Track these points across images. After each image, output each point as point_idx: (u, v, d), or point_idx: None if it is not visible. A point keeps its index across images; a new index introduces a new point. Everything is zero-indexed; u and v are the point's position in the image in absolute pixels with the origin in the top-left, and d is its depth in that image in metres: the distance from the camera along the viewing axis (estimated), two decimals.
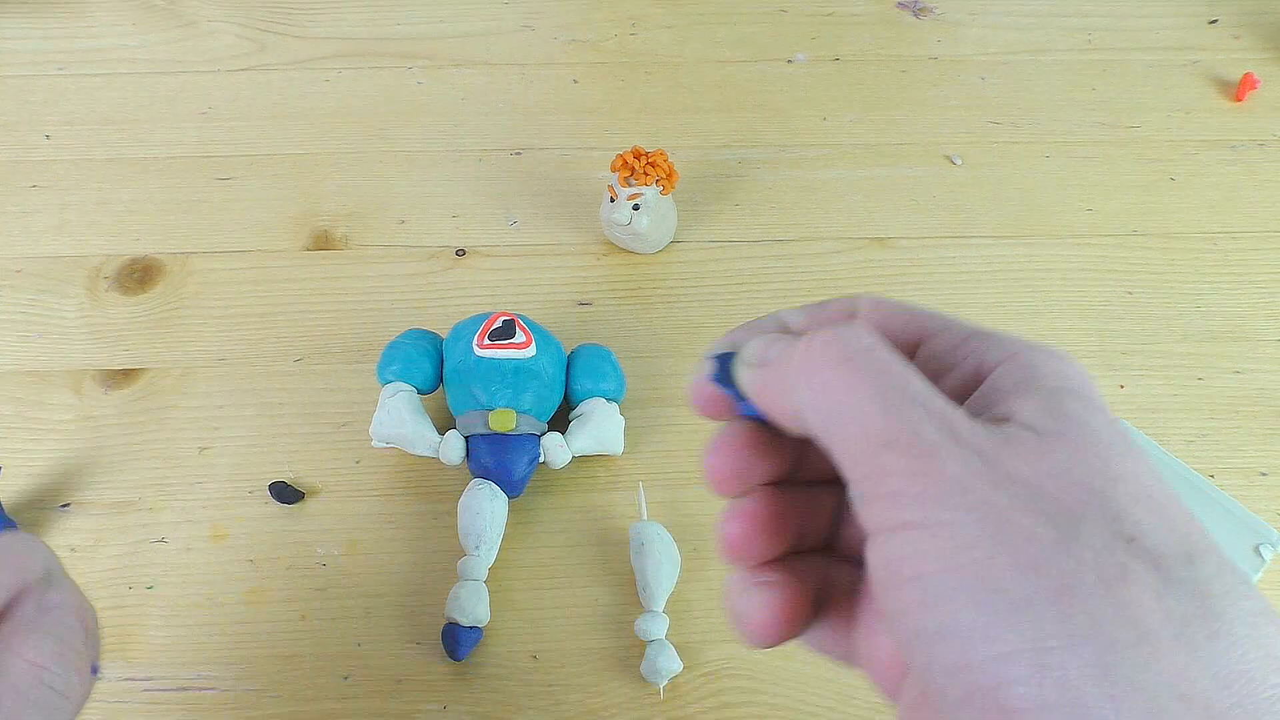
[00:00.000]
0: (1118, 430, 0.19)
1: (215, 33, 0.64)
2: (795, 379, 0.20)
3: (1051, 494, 0.17)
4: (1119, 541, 0.16)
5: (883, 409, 0.18)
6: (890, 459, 0.18)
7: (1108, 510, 0.17)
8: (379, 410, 0.43)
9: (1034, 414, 0.18)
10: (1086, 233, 0.55)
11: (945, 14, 0.67)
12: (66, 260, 0.52)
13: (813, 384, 0.19)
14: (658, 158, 0.49)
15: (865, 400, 0.18)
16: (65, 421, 0.46)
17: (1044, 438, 0.18)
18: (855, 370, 0.19)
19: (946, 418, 0.18)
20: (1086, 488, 0.17)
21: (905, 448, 0.18)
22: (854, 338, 0.19)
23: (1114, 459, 0.18)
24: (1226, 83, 0.63)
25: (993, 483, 0.17)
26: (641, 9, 0.67)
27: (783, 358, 0.20)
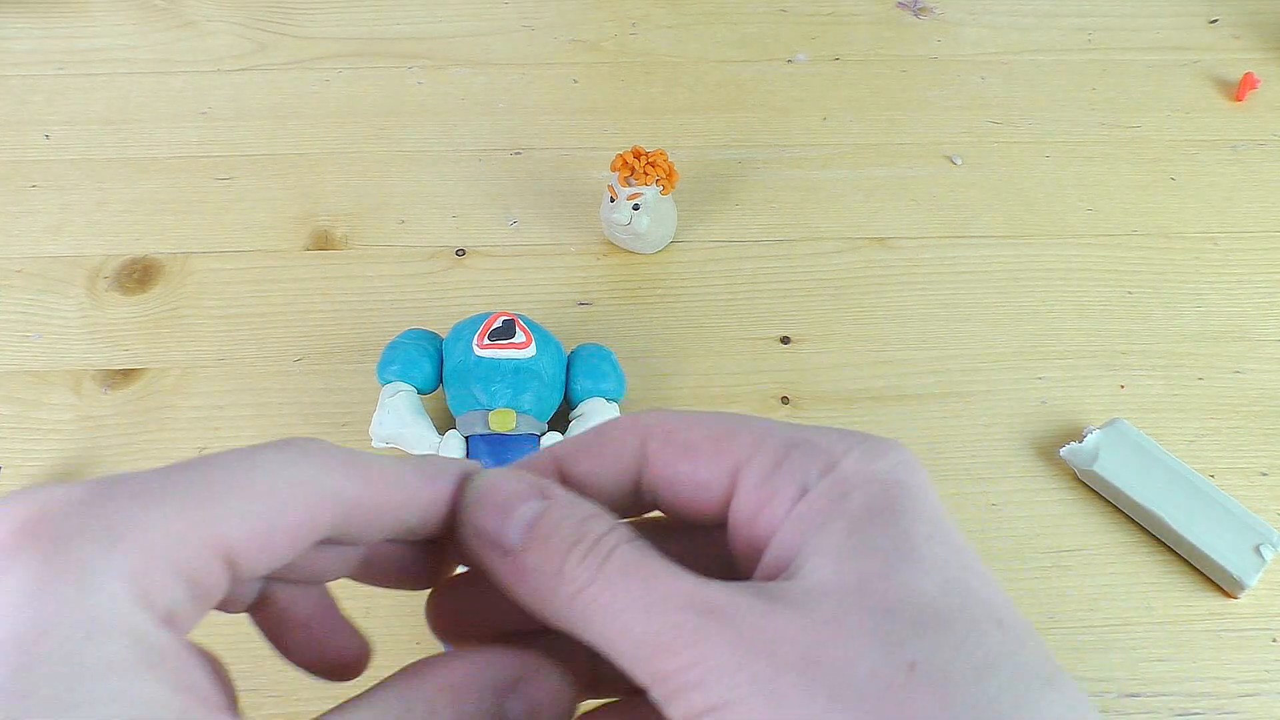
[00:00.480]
0: (919, 535, 0.18)
1: (215, 33, 0.64)
2: (558, 604, 0.19)
3: (821, 648, 0.17)
4: (898, 673, 0.16)
5: (644, 615, 0.18)
6: (664, 661, 0.17)
7: (883, 644, 0.17)
8: (379, 410, 0.43)
9: (825, 553, 0.18)
10: (1086, 233, 0.55)
11: (945, 14, 0.67)
12: (66, 260, 0.52)
13: (578, 611, 0.19)
14: (658, 158, 0.49)
15: (628, 614, 0.18)
16: (65, 421, 0.46)
17: (826, 583, 0.18)
18: (609, 586, 0.19)
19: (707, 600, 0.18)
20: (861, 627, 0.17)
21: (673, 646, 0.17)
22: (599, 547, 0.19)
23: (895, 585, 0.17)
24: (1226, 83, 0.63)
25: (760, 656, 0.17)
26: (641, 9, 0.67)
27: (539, 572, 0.19)
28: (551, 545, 0.19)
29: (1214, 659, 0.40)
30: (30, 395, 0.47)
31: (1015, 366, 0.49)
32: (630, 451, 0.22)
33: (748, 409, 0.47)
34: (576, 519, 0.20)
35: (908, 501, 0.19)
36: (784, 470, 0.20)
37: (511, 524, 0.20)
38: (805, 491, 0.20)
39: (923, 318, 0.51)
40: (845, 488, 0.19)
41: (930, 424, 0.46)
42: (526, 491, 0.21)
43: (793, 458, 0.20)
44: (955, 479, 0.45)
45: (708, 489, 0.21)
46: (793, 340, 0.50)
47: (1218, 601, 0.41)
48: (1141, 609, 0.41)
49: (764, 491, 0.20)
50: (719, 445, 0.21)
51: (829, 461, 0.20)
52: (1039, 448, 0.46)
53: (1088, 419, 0.47)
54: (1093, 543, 0.43)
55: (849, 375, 0.48)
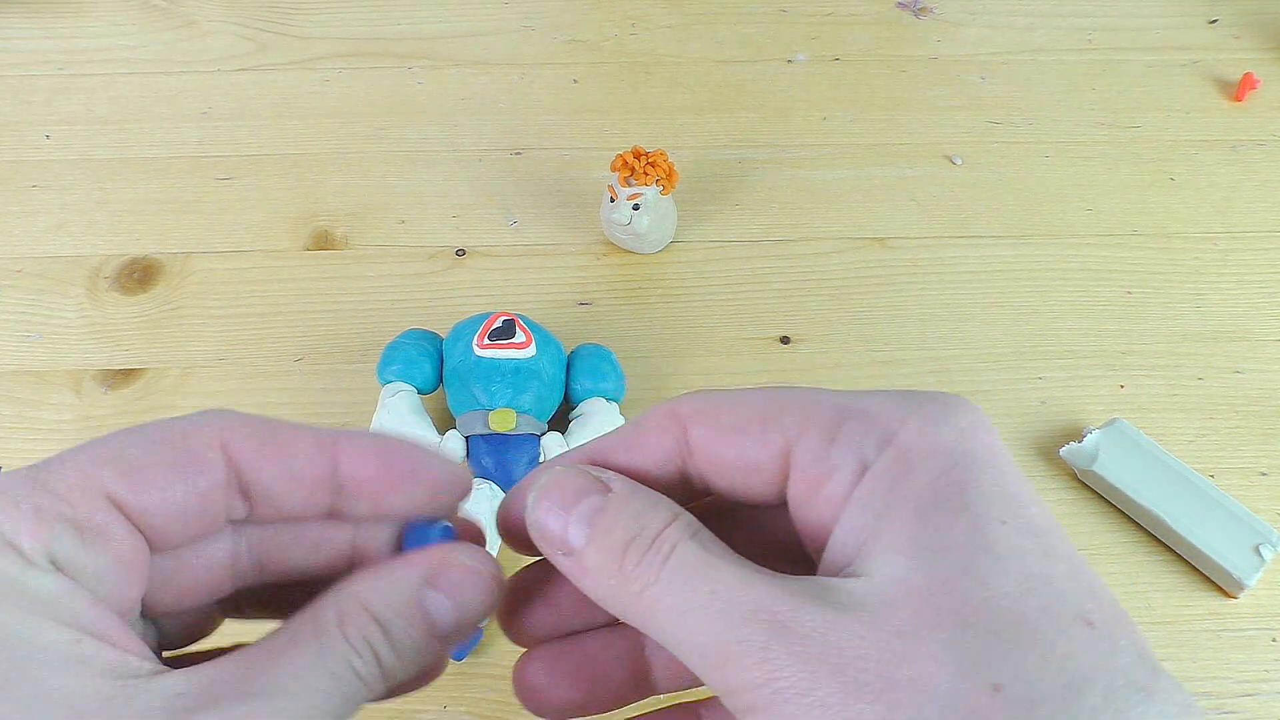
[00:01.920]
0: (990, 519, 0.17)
1: (215, 33, 0.64)
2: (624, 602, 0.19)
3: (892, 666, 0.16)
4: (981, 694, 0.15)
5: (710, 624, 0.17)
6: (733, 674, 0.17)
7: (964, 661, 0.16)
8: (379, 410, 0.43)
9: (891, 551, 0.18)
10: (1086, 233, 0.55)
11: (945, 14, 0.67)
12: (66, 260, 0.52)
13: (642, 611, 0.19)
14: (658, 158, 0.49)
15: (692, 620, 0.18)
16: (65, 421, 0.46)
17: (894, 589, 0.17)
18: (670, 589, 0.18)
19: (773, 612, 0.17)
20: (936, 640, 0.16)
21: (741, 663, 0.17)
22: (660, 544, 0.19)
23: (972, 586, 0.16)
24: (1226, 83, 0.63)
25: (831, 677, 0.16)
26: (641, 9, 0.67)
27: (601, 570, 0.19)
28: (609, 542, 0.19)
29: (1214, 659, 0.40)
30: (30, 395, 0.47)
31: (1015, 366, 0.49)
32: (670, 441, 0.21)
33: None
34: (634, 513, 0.19)
35: (977, 478, 0.18)
36: (839, 445, 0.19)
37: (571, 523, 0.20)
38: (865, 468, 0.19)
39: (923, 318, 0.51)
40: (907, 464, 0.18)
41: None
42: (587, 486, 0.20)
43: (846, 430, 0.19)
44: None
45: (759, 471, 0.20)
46: (793, 340, 0.50)
47: (1217, 601, 0.41)
48: (1141, 609, 0.41)
49: (820, 470, 0.19)
50: (765, 424, 0.20)
51: (886, 432, 0.19)
52: (1039, 448, 0.46)
53: (1088, 419, 0.47)
54: (1093, 543, 0.43)
55: (849, 375, 0.48)
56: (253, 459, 0.21)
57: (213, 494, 0.20)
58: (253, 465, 0.21)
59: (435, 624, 0.20)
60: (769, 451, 0.20)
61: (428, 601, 0.20)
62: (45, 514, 0.18)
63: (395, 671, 0.20)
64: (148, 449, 0.20)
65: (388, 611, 0.20)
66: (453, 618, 0.20)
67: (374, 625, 0.20)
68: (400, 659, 0.20)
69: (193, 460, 0.20)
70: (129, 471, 0.19)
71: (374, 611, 0.20)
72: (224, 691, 0.18)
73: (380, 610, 0.20)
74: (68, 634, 0.18)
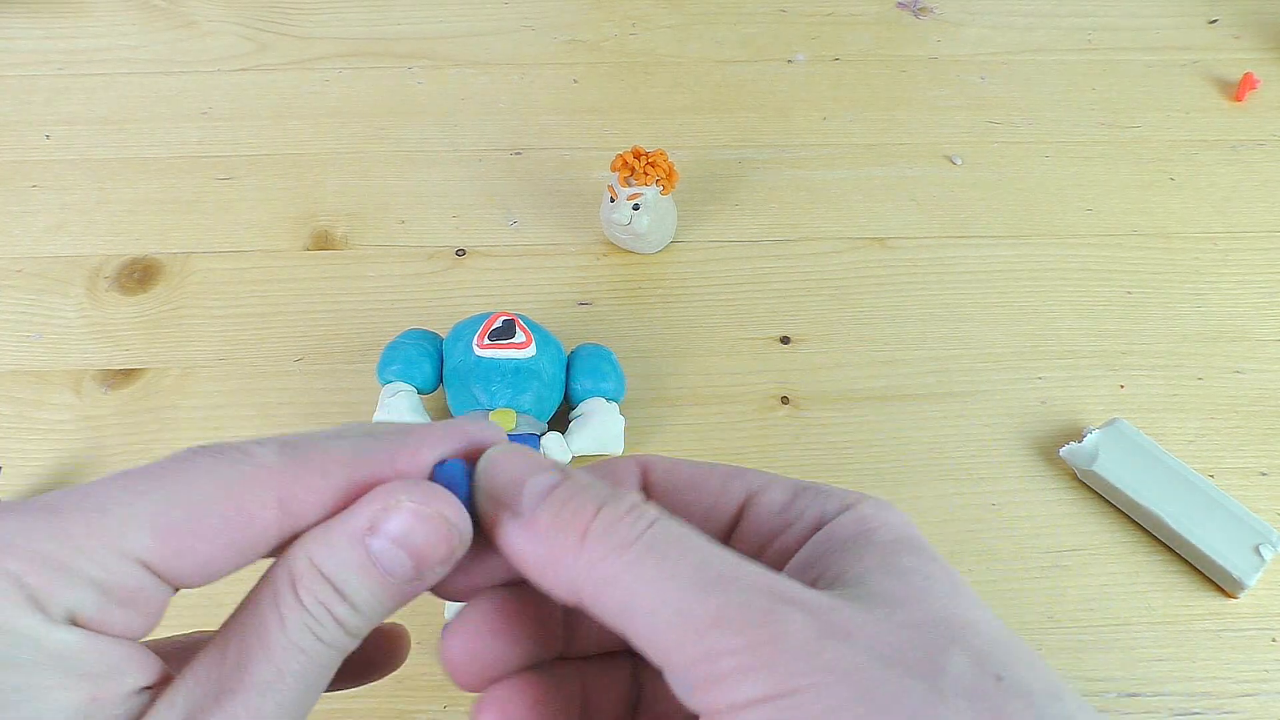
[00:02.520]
0: (957, 580, 0.18)
1: (215, 33, 0.64)
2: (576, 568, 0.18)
3: (907, 647, 0.16)
4: (988, 681, 0.16)
5: (699, 589, 0.17)
6: (720, 638, 0.16)
7: (969, 654, 0.16)
8: (379, 410, 0.43)
9: (872, 571, 0.18)
10: (1086, 233, 0.55)
11: (945, 14, 0.67)
12: (66, 260, 0.52)
13: (602, 576, 0.18)
14: (658, 158, 0.49)
15: (674, 585, 0.17)
16: (65, 421, 0.46)
17: (886, 594, 0.17)
18: (650, 553, 0.17)
19: (774, 585, 0.17)
20: (941, 636, 0.16)
21: (737, 623, 0.16)
22: (638, 516, 0.18)
23: (959, 608, 0.17)
24: (1226, 83, 0.63)
25: (844, 643, 0.16)
26: (641, 9, 0.67)
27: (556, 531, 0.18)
28: (574, 504, 0.18)
29: (1214, 659, 0.40)
30: (30, 395, 0.47)
31: (1015, 366, 0.49)
32: (630, 479, 0.22)
33: (748, 409, 0.47)
34: (601, 487, 0.19)
35: (929, 548, 0.19)
36: (800, 502, 0.20)
37: (528, 485, 0.19)
38: (824, 523, 0.20)
39: (923, 318, 0.51)
40: (868, 525, 0.19)
41: (930, 424, 0.46)
42: (547, 463, 0.20)
43: (807, 495, 0.20)
44: (955, 479, 0.45)
45: (711, 519, 0.21)
46: (793, 340, 0.50)
47: (1217, 601, 0.41)
48: (1141, 609, 0.41)
49: (781, 519, 0.20)
50: (727, 479, 0.21)
51: (844, 503, 0.20)
52: (1039, 448, 0.46)
53: (1088, 419, 0.47)
54: (1093, 543, 0.43)
55: (849, 375, 0.48)
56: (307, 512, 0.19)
57: (259, 547, 0.19)
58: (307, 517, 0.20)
59: (391, 573, 0.19)
60: (727, 501, 0.21)
61: (375, 550, 0.19)
62: (71, 573, 0.17)
63: (362, 626, 0.19)
64: (193, 511, 0.18)
65: (339, 569, 0.19)
66: (408, 565, 0.19)
67: (327, 587, 0.19)
68: (363, 614, 0.19)
69: (242, 526, 0.19)
70: (168, 538, 0.18)
71: (325, 571, 0.19)
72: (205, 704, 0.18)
73: (331, 569, 0.19)
74: (80, 693, 0.17)
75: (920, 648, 0.16)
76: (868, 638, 0.16)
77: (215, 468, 0.19)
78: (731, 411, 0.47)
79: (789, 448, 0.45)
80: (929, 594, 0.17)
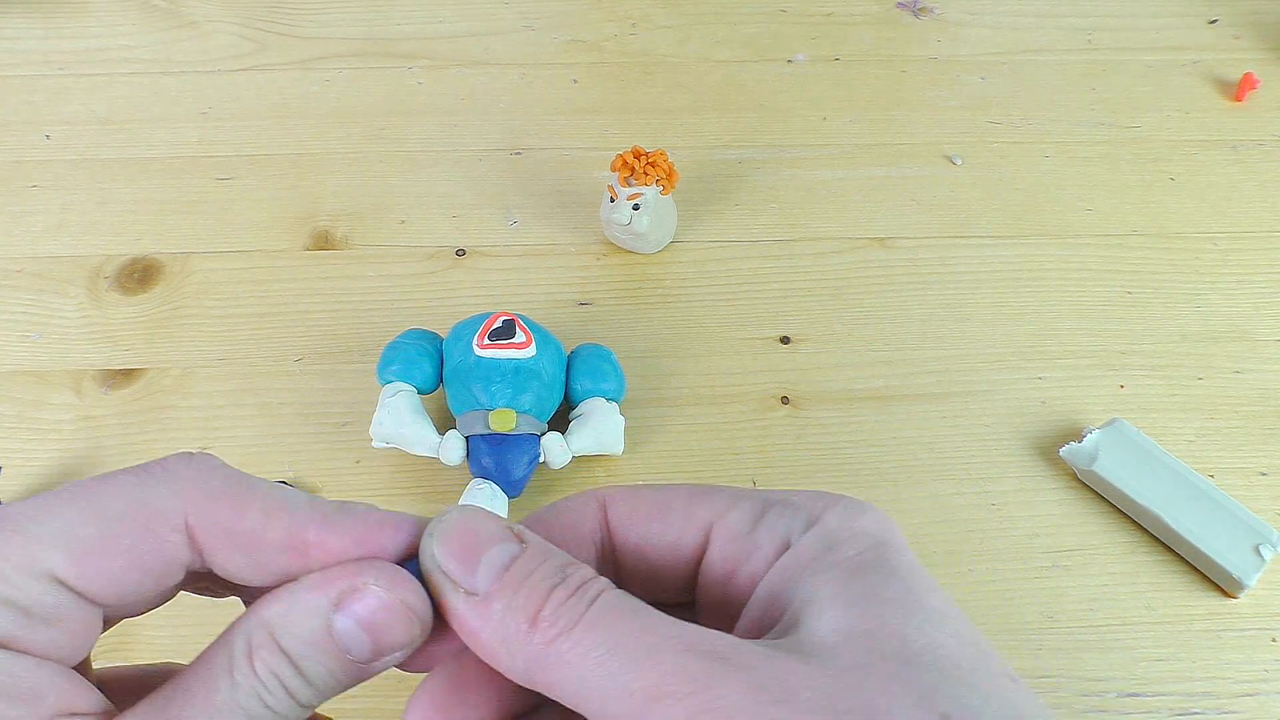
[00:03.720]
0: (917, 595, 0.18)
1: (215, 33, 0.64)
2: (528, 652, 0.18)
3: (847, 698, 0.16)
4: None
5: (638, 661, 0.17)
6: (661, 711, 0.16)
7: (914, 694, 0.16)
8: (379, 410, 0.43)
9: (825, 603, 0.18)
10: (1086, 233, 0.55)
11: (945, 14, 0.67)
12: (66, 260, 0.52)
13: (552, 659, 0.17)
14: (658, 158, 0.49)
15: (617, 660, 0.17)
16: (65, 421, 0.46)
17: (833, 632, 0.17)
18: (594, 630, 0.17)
19: (713, 647, 0.17)
20: (885, 678, 0.16)
21: (676, 694, 0.16)
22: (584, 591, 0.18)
23: (914, 632, 0.17)
24: (1226, 83, 0.63)
25: (782, 704, 0.16)
26: (641, 9, 0.67)
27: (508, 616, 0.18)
28: (527, 588, 0.18)
29: (1214, 659, 0.40)
30: (30, 395, 0.47)
31: (1015, 366, 0.49)
32: (590, 518, 0.21)
33: (748, 409, 0.47)
34: (556, 564, 0.19)
35: (897, 556, 0.19)
36: (764, 525, 0.20)
37: (481, 565, 0.18)
38: (788, 545, 0.19)
39: (923, 318, 0.51)
40: (832, 540, 0.19)
41: (930, 424, 0.46)
42: (500, 533, 0.19)
43: (771, 514, 0.20)
44: (955, 479, 0.45)
45: (677, 549, 0.21)
46: (793, 340, 0.50)
47: (1217, 601, 0.41)
48: (1141, 609, 0.41)
49: (744, 546, 0.20)
50: (690, 504, 0.21)
51: (810, 517, 0.19)
52: (1039, 448, 0.46)
53: (1088, 419, 0.47)
54: (1093, 543, 0.43)
55: (849, 375, 0.48)
56: (218, 550, 0.19)
57: (173, 573, 0.19)
58: (218, 555, 0.19)
59: (349, 652, 0.19)
60: (692, 528, 0.20)
61: (338, 630, 0.19)
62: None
63: (313, 699, 0.19)
64: (104, 529, 0.18)
65: (296, 643, 0.19)
66: (367, 647, 0.19)
67: (282, 659, 0.18)
68: (315, 688, 0.19)
69: (151, 547, 0.19)
70: (79, 556, 0.18)
71: (282, 643, 0.19)
72: None
73: (289, 642, 0.19)
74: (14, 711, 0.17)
75: (862, 696, 0.16)
76: (808, 694, 0.16)
77: (131, 487, 0.19)
78: (731, 411, 0.47)
79: (789, 448, 0.45)
80: (882, 621, 0.17)
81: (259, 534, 0.19)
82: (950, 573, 0.42)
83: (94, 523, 0.18)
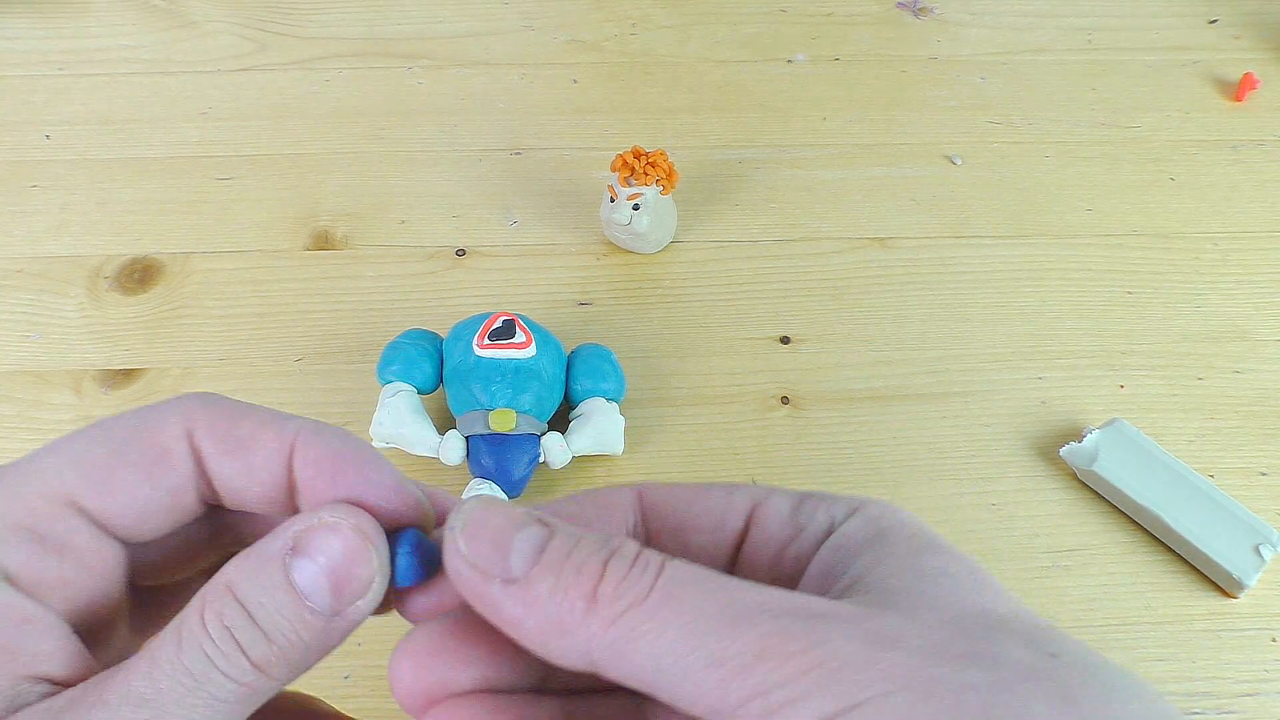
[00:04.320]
0: (980, 573, 0.18)
1: (215, 33, 0.64)
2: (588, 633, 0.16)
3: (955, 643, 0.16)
4: (1044, 660, 0.16)
5: (731, 627, 0.16)
6: (767, 672, 0.15)
7: (1016, 639, 0.16)
8: (379, 410, 0.43)
9: (895, 574, 0.17)
10: (1086, 233, 0.55)
11: (945, 14, 0.67)
12: (66, 260, 0.52)
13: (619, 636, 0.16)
14: (658, 158, 0.49)
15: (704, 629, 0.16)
16: (65, 421, 0.46)
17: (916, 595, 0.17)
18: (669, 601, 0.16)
19: (807, 606, 0.16)
20: (984, 627, 0.16)
21: (780, 653, 0.15)
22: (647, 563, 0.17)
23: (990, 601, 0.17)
24: (1226, 83, 0.63)
25: (894, 649, 0.15)
26: (641, 9, 0.67)
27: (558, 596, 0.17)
28: (573, 566, 0.17)
29: (1214, 659, 0.40)
30: (30, 395, 0.47)
31: (1015, 366, 0.49)
32: (625, 500, 0.21)
33: (748, 409, 0.47)
34: (599, 540, 0.17)
35: (945, 544, 0.19)
36: (807, 509, 0.20)
37: (514, 550, 0.17)
38: (832, 529, 0.19)
39: (923, 318, 0.51)
40: (879, 526, 0.19)
41: (930, 424, 0.46)
42: (525, 518, 0.18)
43: (811, 501, 0.20)
44: (955, 479, 0.45)
45: (719, 530, 0.20)
46: (793, 340, 0.50)
47: (1217, 601, 0.41)
48: (1141, 609, 0.41)
49: (790, 526, 0.20)
50: (728, 491, 0.20)
51: (851, 506, 0.19)
52: (1039, 448, 0.46)
53: (1088, 419, 0.47)
54: (1093, 543, 0.43)
55: (849, 375, 0.48)
56: (214, 454, 0.20)
57: (182, 489, 0.20)
58: (215, 460, 0.20)
59: (304, 594, 0.18)
60: (734, 511, 0.20)
61: (293, 570, 0.18)
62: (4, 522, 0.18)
63: (271, 659, 0.18)
64: (112, 449, 0.19)
65: (251, 588, 0.18)
66: (323, 585, 0.18)
67: (235, 606, 0.18)
68: (273, 642, 0.18)
69: (159, 458, 0.19)
70: (93, 476, 0.19)
71: (237, 591, 0.18)
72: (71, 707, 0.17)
73: (243, 588, 0.18)
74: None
75: (969, 641, 0.16)
76: (915, 640, 0.16)
77: (135, 414, 0.20)
78: (731, 411, 0.47)
79: (789, 448, 0.45)
80: (957, 591, 0.17)
81: (253, 436, 0.20)
82: None
83: (103, 444, 0.19)
